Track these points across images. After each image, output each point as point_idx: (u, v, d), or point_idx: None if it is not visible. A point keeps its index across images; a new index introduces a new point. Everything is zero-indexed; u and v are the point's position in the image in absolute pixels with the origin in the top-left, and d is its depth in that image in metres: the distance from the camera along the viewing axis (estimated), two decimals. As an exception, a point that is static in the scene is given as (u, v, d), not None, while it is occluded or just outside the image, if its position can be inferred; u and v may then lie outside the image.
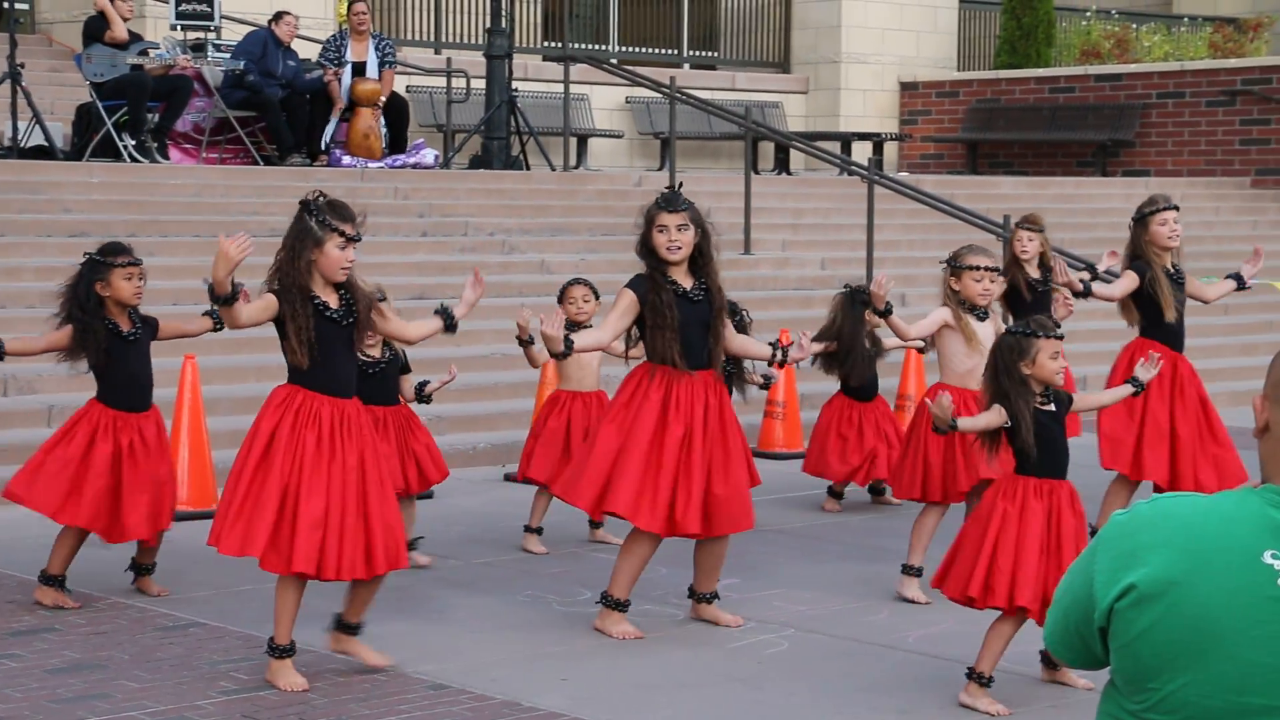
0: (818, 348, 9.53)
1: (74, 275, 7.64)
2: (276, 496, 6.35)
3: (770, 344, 7.63)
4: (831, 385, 10.26)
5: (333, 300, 6.50)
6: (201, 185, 14.60)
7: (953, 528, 7.16)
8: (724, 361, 7.47)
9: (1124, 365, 8.88)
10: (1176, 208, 9.08)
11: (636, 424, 7.09)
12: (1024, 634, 6.40)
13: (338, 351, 6.49)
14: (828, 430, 9.96)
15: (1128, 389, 7.43)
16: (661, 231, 7.24)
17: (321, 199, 6.57)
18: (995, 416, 6.50)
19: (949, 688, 6.53)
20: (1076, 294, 9.12)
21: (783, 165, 21.27)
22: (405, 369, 8.50)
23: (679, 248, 7.19)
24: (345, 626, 6.69)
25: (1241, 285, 9.47)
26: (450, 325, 6.87)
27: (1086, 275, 9.89)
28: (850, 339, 9.71)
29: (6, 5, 17.70)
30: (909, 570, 7.94)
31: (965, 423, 6.66)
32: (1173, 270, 9.10)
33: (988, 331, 7.92)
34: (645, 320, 7.18)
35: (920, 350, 9.77)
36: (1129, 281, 8.98)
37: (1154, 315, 9.05)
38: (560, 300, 9.17)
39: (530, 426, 9.40)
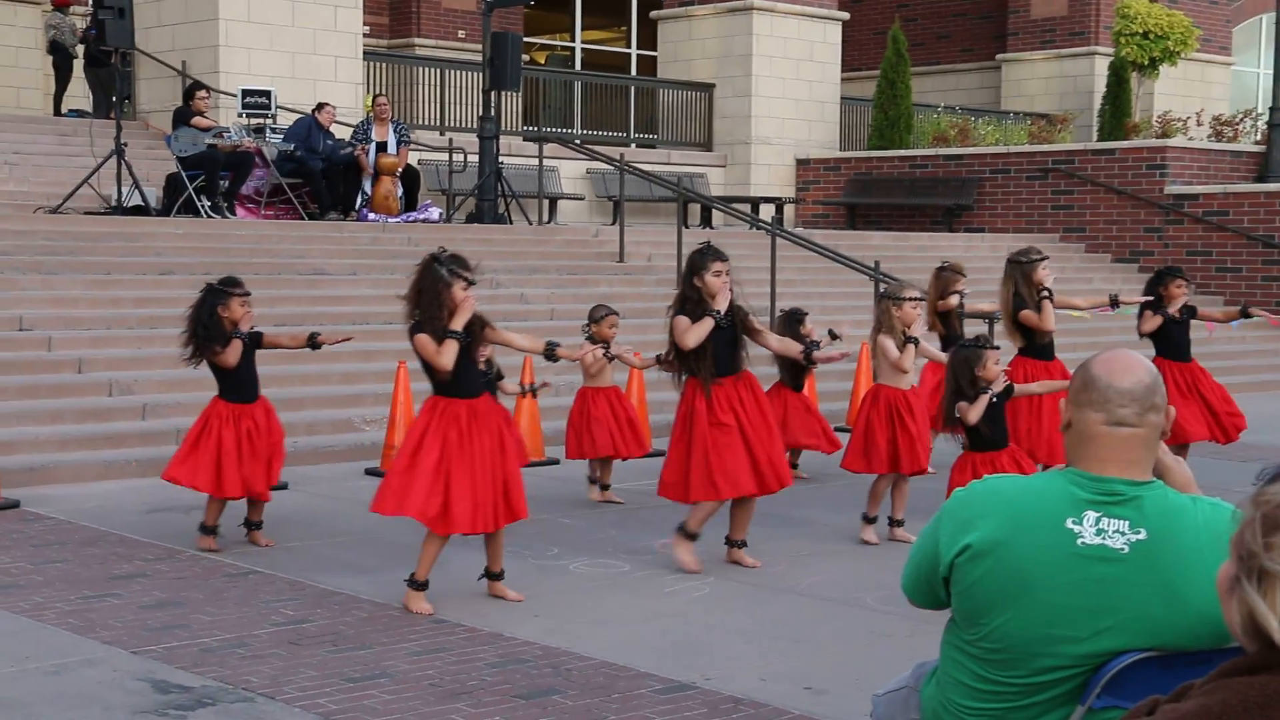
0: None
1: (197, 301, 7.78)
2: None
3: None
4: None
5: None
6: (260, 235, 14.53)
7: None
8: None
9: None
10: (1046, 257, 9.41)
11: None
12: (893, 581, 6.41)
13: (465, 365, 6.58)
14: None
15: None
16: (716, 275, 7.14)
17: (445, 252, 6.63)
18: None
19: (831, 621, 6.54)
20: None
21: (706, 221, 21.27)
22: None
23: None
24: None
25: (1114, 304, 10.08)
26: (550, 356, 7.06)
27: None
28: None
29: (115, 99, 17.60)
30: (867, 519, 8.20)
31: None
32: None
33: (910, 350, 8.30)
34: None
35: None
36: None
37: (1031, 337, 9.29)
38: (600, 322, 9.26)
39: (569, 419, 9.40)
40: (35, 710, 5.16)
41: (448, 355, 6.46)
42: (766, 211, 21.52)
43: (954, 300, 10.00)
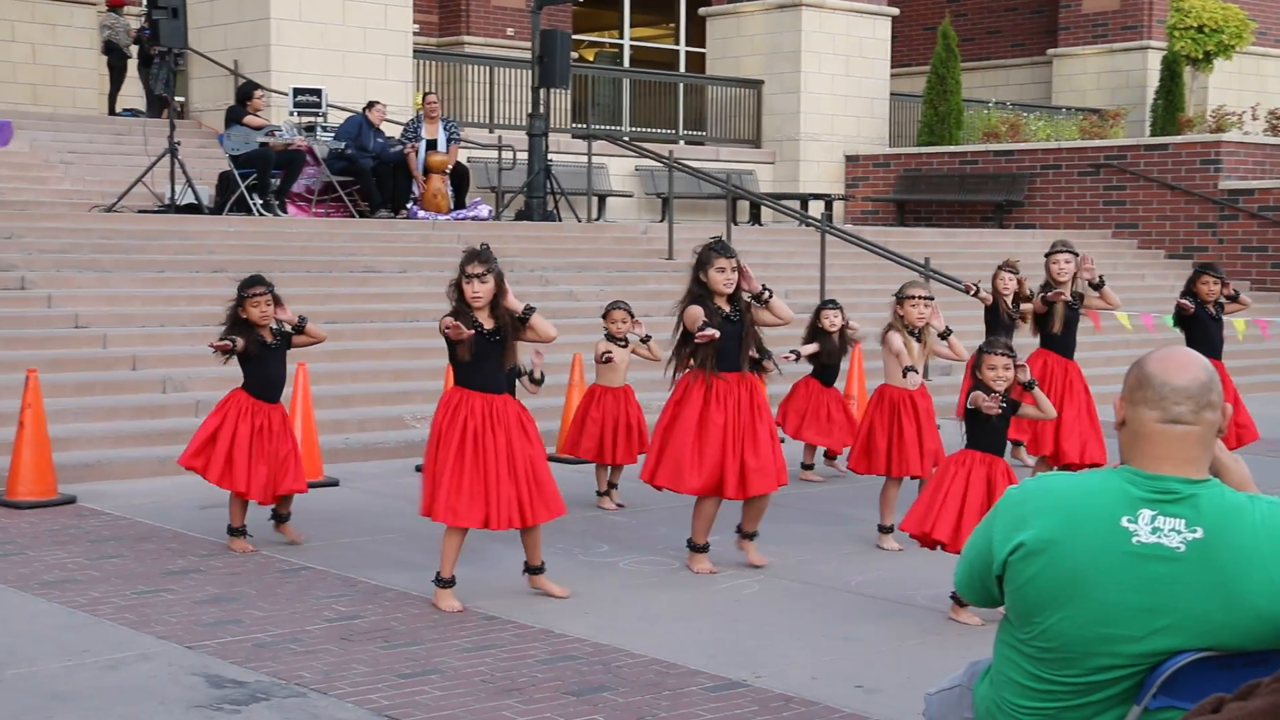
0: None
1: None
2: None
3: None
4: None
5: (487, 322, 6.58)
6: (311, 233, 14.61)
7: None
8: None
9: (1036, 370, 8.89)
10: (1072, 252, 9.13)
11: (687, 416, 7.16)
12: (945, 579, 6.40)
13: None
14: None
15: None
16: (720, 272, 7.06)
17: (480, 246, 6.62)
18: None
19: (881, 619, 6.52)
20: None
21: (755, 218, 21.24)
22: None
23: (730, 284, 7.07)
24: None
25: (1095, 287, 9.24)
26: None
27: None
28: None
29: (169, 99, 17.74)
30: (883, 529, 7.99)
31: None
32: (1068, 297, 9.12)
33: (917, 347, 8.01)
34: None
35: None
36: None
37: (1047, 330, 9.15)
38: (604, 318, 9.16)
39: (573, 415, 9.27)
40: (92, 704, 5.22)
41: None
42: (815, 208, 21.47)
43: (985, 296, 9.90)
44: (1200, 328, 9.73)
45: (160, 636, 6.04)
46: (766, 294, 7.18)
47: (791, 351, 9.64)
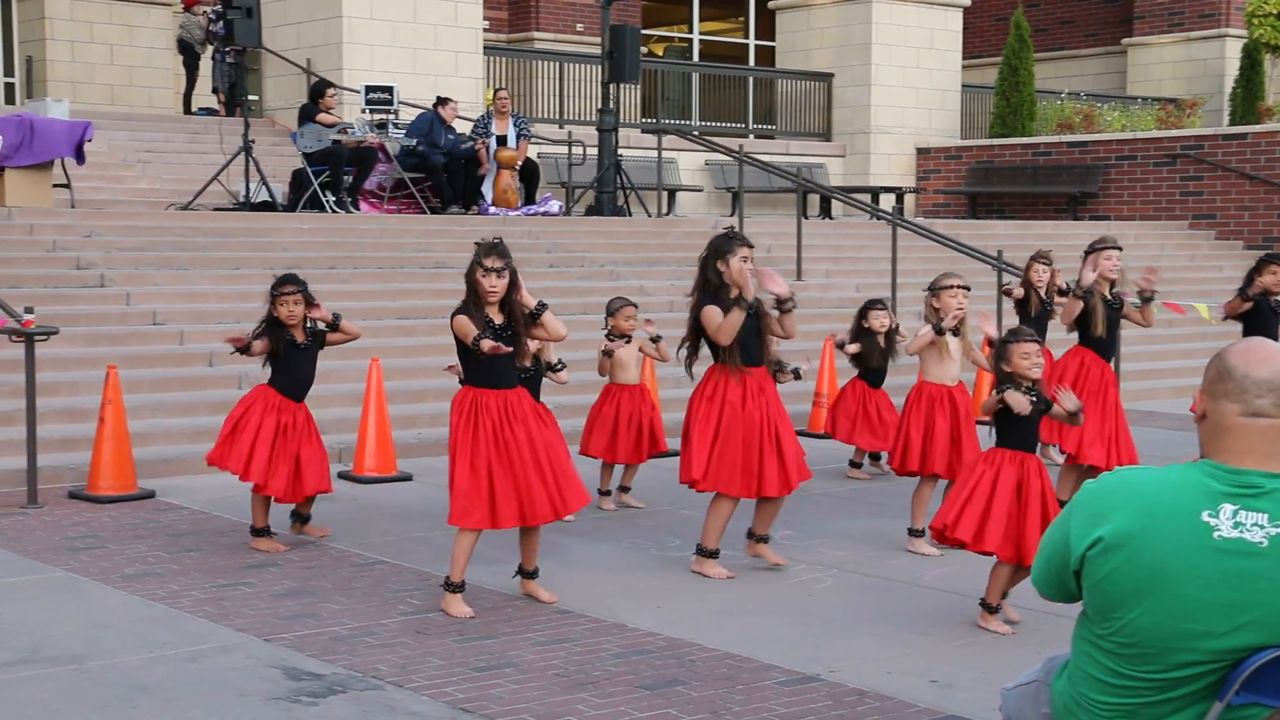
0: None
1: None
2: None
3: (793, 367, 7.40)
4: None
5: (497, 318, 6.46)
6: (384, 230, 14.72)
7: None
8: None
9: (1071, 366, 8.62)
10: (1118, 248, 8.68)
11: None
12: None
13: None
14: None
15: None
16: (744, 261, 6.89)
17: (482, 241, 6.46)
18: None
19: (957, 614, 6.49)
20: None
21: (826, 212, 21.17)
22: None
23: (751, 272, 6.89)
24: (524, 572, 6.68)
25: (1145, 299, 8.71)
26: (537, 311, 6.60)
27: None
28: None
29: (242, 97, 17.94)
30: (914, 532, 7.76)
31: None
32: (1109, 297, 8.79)
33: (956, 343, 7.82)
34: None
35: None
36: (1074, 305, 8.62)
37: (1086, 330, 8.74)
38: (611, 315, 8.88)
39: (589, 413, 8.98)
40: (173, 695, 5.29)
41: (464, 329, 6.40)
42: (886, 201, 21.38)
43: (1018, 291, 9.68)
44: (1259, 321, 9.20)
45: (239, 629, 6.12)
46: (791, 304, 7.04)
47: (832, 334, 9.48)
